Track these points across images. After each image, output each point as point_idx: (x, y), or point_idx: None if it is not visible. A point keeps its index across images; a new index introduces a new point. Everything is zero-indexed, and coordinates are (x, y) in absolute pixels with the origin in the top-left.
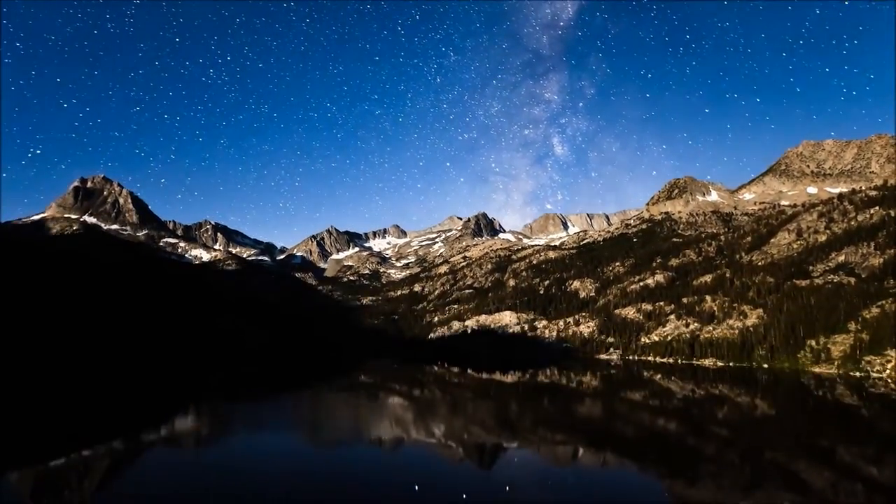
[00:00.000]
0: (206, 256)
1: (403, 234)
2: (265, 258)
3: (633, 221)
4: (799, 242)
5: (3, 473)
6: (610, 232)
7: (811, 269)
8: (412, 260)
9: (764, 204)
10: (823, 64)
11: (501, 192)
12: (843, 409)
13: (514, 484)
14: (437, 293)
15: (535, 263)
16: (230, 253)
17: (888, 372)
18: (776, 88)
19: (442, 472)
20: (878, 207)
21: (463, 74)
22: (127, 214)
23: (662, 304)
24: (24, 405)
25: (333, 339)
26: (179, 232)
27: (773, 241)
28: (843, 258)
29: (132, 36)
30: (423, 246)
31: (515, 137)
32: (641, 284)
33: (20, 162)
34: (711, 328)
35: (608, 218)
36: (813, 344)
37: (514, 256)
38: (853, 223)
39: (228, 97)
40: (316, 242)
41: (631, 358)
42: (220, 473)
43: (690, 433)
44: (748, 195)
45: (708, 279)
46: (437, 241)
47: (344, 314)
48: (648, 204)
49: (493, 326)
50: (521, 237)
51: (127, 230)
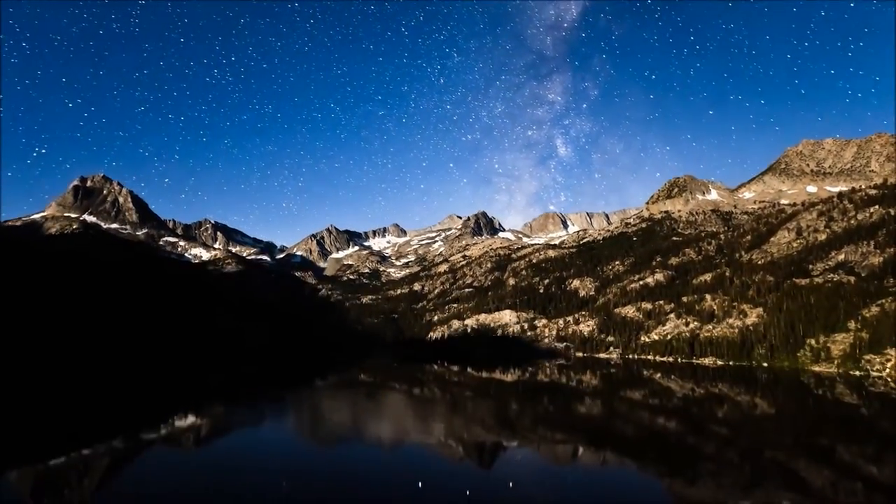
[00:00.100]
0: (205, 255)
1: (403, 233)
2: (265, 257)
3: (632, 220)
4: (799, 241)
5: (3, 473)
6: (610, 231)
7: (811, 267)
8: (412, 259)
9: (764, 203)
10: (829, 66)
11: (504, 193)
12: (842, 407)
13: (515, 482)
14: (436, 292)
15: (534, 262)
16: (230, 252)
17: (888, 371)
18: (781, 90)
19: (444, 470)
20: (877, 206)
21: (466, 75)
22: (127, 213)
23: (662, 302)
24: (23, 404)
25: (333, 337)
26: (179, 231)
27: (772, 239)
28: (842, 257)
29: (137, 36)
30: (422, 245)
31: (519, 138)
32: (641, 283)
33: (25, 161)
34: (711, 327)
35: (608, 217)
36: (813, 343)
37: (513, 255)
38: (853, 222)
39: (232, 97)
40: (316, 241)
41: (631, 357)
42: (220, 472)
43: (690, 432)
44: (748, 194)
45: (708, 278)
46: (436, 240)
47: (344, 313)
48: (648, 203)
49: (492, 325)
50: (520, 236)
51: (127, 229)
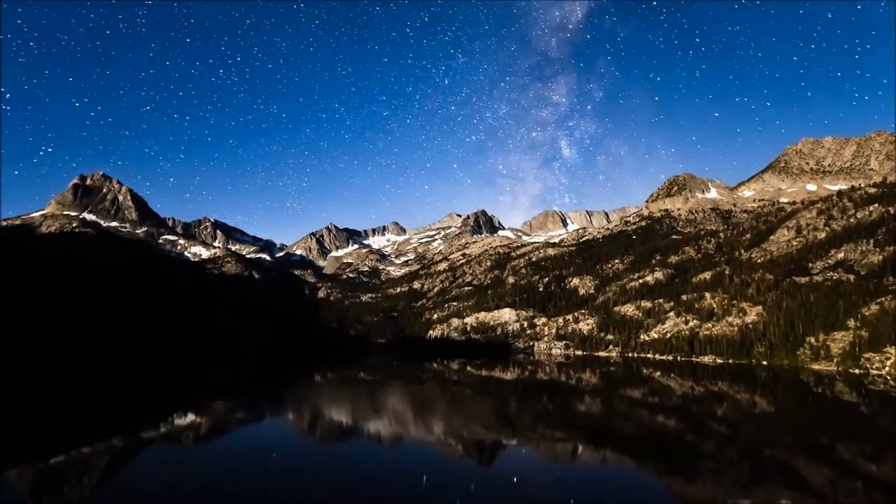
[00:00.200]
0: (205, 254)
1: (403, 231)
2: (264, 256)
3: (632, 219)
4: (798, 239)
5: (3, 471)
6: (609, 229)
7: (810, 266)
8: (411, 257)
9: (763, 201)
10: (835, 68)
11: (508, 194)
12: (842, 406)
13: (515, 480)
14: (436, 290)
15: (534, 261)
16: (229, 250)
17: (887, 369)
18: (787, 92)
19: (444, 468)
20: (877, 204)
21: (471, 76)
22: (126, 211)
23: (662, 301)
24: (23, 403)
25: (332, 336)
26: (179, 229)
27: (772, 238)
28: (842, 255)
29: (143, 36)
30: (422, 243)
31: (523, 140)
32: (641, 282)
33: (32, 160)
34: (711, 325)
35: (607, 215)
36: (812, 341)
37: (513, 254)
38: (852, 220)
39: (238, 97)
40: (315, 240)
41: (630, 355)
42: (220, 471)
43: (690, 430)
44: (747, 192)
45: (707, 276)
46: (436, 238)
47: (343, 311)
48: (648, 201)
49: (492, 323)
50: (520, 234)
51: (126, 227)
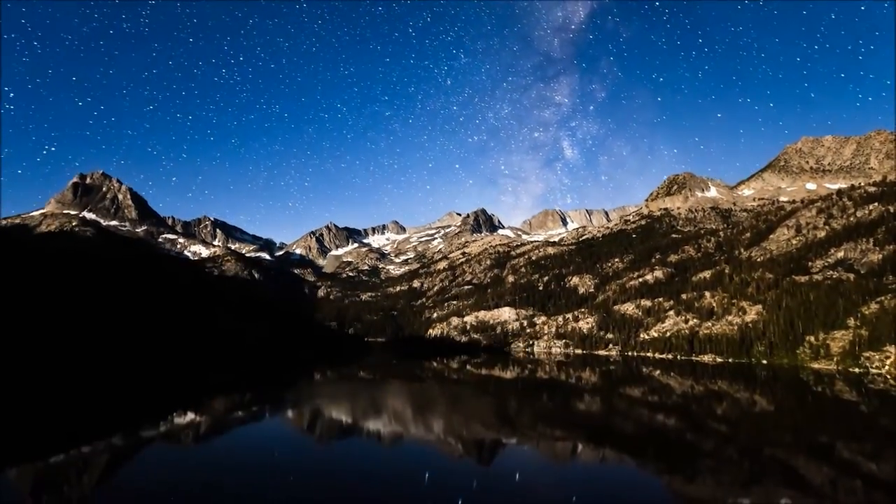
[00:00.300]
0: (205, 252)
1: (402, 230)
2: (264, 254)
3: (632, 217)
4: (798, 238)
5: (3, 471)
6: (609, 228)
7: (810, 265)
8: (411, 256)
9: (763, 200)
10: (839, 68)
11: (510, 194)
12: (842, 404)
13: (515, 479)
14: (435, 289)
15: (534, 259)
16: (229, 249)
17: (887, 368)
18: (790, 93)
19: (443, 466)
20: (877, 203)
21: (473, 77)
22: (126, 210)
23: (661, 300)
24: (23, 402)
25: (332, 335)
26: (178, 228)
27: (772, 237)
28: (842, 254)
29: (146, 36)
30: (422, 242)
31: (525, 140)
32: (640, 280)
33: (35, 159)
34: (710, 324)
35: (607, 214)
36: (812, 340)
37: (512, 252)
38: (852, 219)
39: (240, 97)
40: (315, 238)
41: (630, 354)
42: (220, 470)
43: (689, 429)
44: (747, 191)
45: (707, 275)
46: (436, 237)
47: (343, 310)
48: (648, 200)
49: (492, 322)
50: (519, 233)
51: (126, 226)
